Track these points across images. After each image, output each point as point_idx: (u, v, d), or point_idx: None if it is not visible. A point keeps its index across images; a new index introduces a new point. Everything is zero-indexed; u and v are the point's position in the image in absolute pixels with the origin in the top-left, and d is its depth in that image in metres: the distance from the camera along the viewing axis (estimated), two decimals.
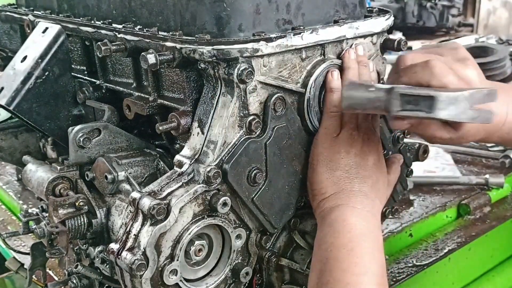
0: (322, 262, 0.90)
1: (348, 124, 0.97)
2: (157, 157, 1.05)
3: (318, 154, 0.97)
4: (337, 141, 0.96)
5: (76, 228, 1.01)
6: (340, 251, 0.89)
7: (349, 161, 0.96)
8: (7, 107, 1.05)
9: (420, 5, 4.12)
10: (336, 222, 0.92)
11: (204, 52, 0.86)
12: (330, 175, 0.95)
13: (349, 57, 0.99)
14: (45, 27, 1.10)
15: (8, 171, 1.97)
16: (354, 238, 0.89)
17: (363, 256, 0.88)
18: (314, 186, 0.97)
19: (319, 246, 0.93)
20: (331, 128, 0.97)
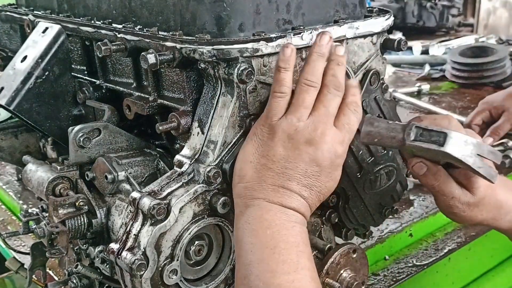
0: (246, 266, 0.83)
1: (294, 112, 0.86)
2: (157, 157, 1.05)
3: (254, 133, 0.87)
4: (275, 126, 0.86)
5: (76, 228, 1.01)
6: (263, 251, 0.82)
7: (282, 153, 0.85)
8: (7, 107, 1.05)
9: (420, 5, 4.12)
10: (253, 219, 0.84)
11: (204, 52, 0.86)
12: (255, 160, 0.86)
13: (320, 44, 0.88)
14: (45, 27, 1.10)
15: (8, 171, 1.97)
16: (275, 234, 0.82)
17: (290, 252, 0.82)
18: (237, 164, 0.88)
19: (240, 247, 0.85)
20: (272, 111, 0.86)
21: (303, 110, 0.86)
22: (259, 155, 0.86)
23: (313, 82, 0.87)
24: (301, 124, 0.85)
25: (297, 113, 0.86)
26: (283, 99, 0.87)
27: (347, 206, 1.09)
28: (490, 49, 2.91)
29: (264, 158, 0.86)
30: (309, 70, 0.88)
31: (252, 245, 0.83)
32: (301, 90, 0.87)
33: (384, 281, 1.38)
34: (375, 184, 1.12)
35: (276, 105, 0.86)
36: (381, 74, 1.07)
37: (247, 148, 0.87)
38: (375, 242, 1.47)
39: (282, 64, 0.86)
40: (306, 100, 0.87)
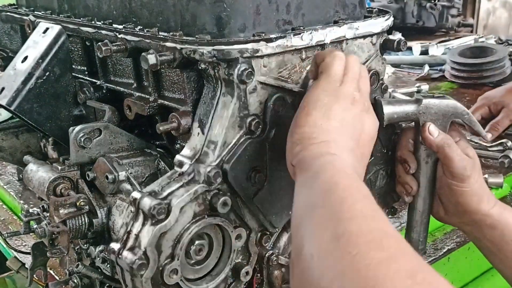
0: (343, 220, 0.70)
1: (351, 82, 0.91)
2: (157, 157, 1.06)
3: (317, 99, 0.89)
4: (340, 92, 0.89)
5: (77, 227, 1.01)
6: (363, 200, 0.75)
7: (348, 117, 0.88)
8: (8, 108, 1.05)
9: (420, 5, 4.12)
10: (330, 163, 0.81)
11: (204, 53, 0.86)
12: (325, 122, 0.87)
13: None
14: (46, 27, 1.11)
15: (9, 171, 1.98)
16: (351, 180, 0.78)
17: (366, 200, 0.75)
18: (305, 129, 0.87)
19: (309, 192, 0.79)
20: (336, 76, 0.90)
21: (356, 82, 0.92)
22: (328, 118, 0.87)
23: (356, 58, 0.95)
24: (357, 95, 0.91)
25: (354, 84, 0.91)
26: (343, 61, 0.91)
27: None
28: (490, 49, 2.91)
29: (334, 120, 0.87)
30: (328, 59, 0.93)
31: (349, 197, 0.75)
32: (354, 63, 0.93)
33: None
34: (375, 184, 1.12)
35: (337, 68, 0.90)
36: (381, 74, 1.08)
37: (314, 113, 0.87)
38: None
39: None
40: (357, 72, 0.93)
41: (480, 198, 1.05)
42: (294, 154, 0.87)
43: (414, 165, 1.08)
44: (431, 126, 1.03)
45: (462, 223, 1.10)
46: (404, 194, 1.12)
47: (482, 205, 1.05)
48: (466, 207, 1.05)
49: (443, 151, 1.02)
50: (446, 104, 1.04)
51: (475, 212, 1.05)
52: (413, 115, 1.03)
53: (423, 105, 1.03)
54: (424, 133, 1.03)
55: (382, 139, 1.10)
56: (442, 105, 1.04)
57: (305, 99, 0.90)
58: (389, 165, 1.13)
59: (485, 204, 1.05)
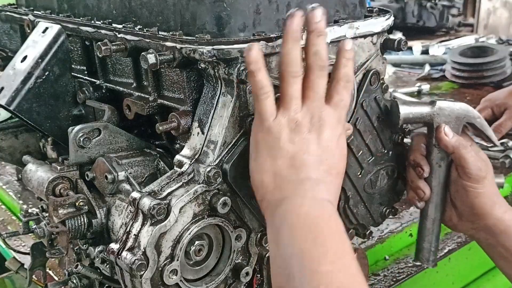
0: (286, 260, 0.79)
1: (287, 107, 0.85)
2: (157, 157, 1.05)
3: (257, 142, 0.86)
4: (275, 127, 0.84)
5: (76, 228, 1.01)
6: (305, 242, 0.79)
7: (292, 148, 0.84)
8: (7, 107, 1.05)
9: (420, 5, 4.12)
10: (287, 216, 0.82)
11: (204, 52, 0.86)
12: (271, 165, 0.85)
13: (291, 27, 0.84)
14: (45, 27, 1.10)
15: (8, 171, 1.97)
16: (313, 226, 0.80)
17: (332, 240, 0.80)
18: (254, 177, 0.87)
19: (277, 244, 0.83)
20: (264, 114, 0.85)
21: (294, 102, 0.86)
22: (273, 160, 0.85)
23: (294, 71, 0.85)
24: (299, 116, 0.85)
25: (291, 106, 0.85)
26: (269, 98, 0.85)
27: (347, 206, 1.09)
28: (490, 49, 2.91)
29: (279, 159, 0.85)
30: (287, 60, 0.85)
31: (291, 238, 0.81)
32: (287, 83, 0.85)
33: (384, 281, 1.38)
34: (375, 184, 1.12)
35: (265, 107, 0.85)
36: (381, 74, 1.07)
37: (258, 159, 0.86)
38: (375, 242, 1.47)
39: (253, 67, 0.83)
40: (295, 92, 0.86)
41: (494, 202, 1.05)
42: (259, 204, 0.89)
43: (428, 169, 1.08)
44: (446, 127, 1.04)
45: (475, 229, 1.10)
46: (416, 200, 1.12)
47: (495, 209, 1.05)
48: (481, 210, 1.05)
49: (459, 152, 1.03)
50: (459, 107, 1.07)
51: (488, 216, 1.05)
52: (428, 116, 1.06)
53: (437, 106, 1.06)
54: (439, 134, 1.04)
55: (383, 139, 1.09)
56: (455, 108, 1.06)
57: (250, 142, 0.89)
58: (390, 165, 1.13)
59: (498, 209, 1.05)
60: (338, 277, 0.76)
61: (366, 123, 1.06)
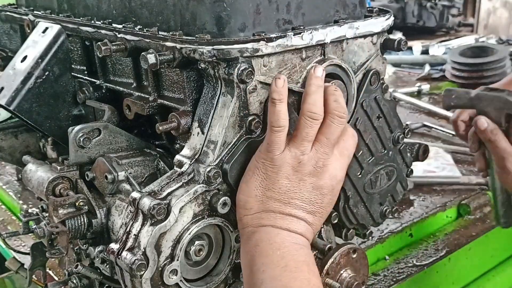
0: (257, 285, 0.83)
1: (297, 146, 0.88)
2: (157, 157, 1.05)
3: (256, 167, 0.88)
4: (278, 160, 0.87)
5: (76, 228, 1.01)
6: (275, 269, 0.83)
7: (288, 185, 0.87)
8: (7, 107, 1.05)
9: (420, 5, 4.12)
10: (262, 242, 0.86)
11: (204, 52, 0.86)
12: (260, 193, 0.87)
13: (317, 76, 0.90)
14: (45, 27, 1.10)
15: (8, 171, 1.98)
16: (285, 254, 0.84)
17: (301, 270, 0.84)
18: (240, 197, 0.89)
19: (249, 268, 0.86)
20: (273, 145, 0.87)
21: (306, 144, 0.88)
22: (264, 189, 0.88)
23: (317, 114, 0.88)
24: (305, 157, 0.88)
25: (301, 147, 0.88)
26: (283, 132, 0.87)
27: (347, 206, 1.09)
28: (490, 49, 2.91)
29: (269, 191, 0.88)
30: (311, 101, 0.88)
31: (262, 264, 0.84)
32: (306, 124, 0.88)
33: (384, 281, 1.38)
34: (375, 184, 1.12)
35: (276, 139, 0.87)
36: (381, 74, 1.07)
37: (251, 182, 0.88)
38: (375, 242, 1.47)
39: (276, 96, 0.86)
40: (310, 134, 0.88)
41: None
42: (238, 219, 0.91)
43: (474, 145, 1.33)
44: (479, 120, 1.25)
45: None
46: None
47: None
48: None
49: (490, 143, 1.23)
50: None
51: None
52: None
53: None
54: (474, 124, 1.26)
55: (383, 139, 1.09)
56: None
57: (249, 165, 0.90)
58: (390, 165, 1.12)
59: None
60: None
61: (366, 123, 1.06)
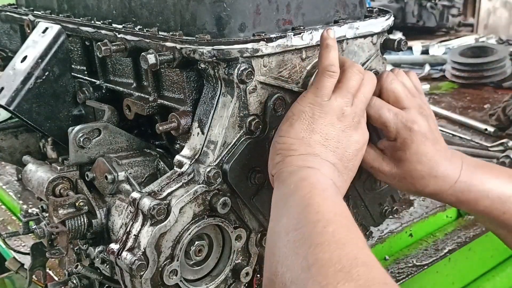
0: (308, 207, 0.76)
1: (343, 96, 0.89)
2: (157, 157, 1.05)
3: (302, 111, 0.88)
4: (326, 106, 0.88)
5: (76, 228, 1.01)
6: (313, 198, 0.77)
7: (332, 132, 0.87)
8: (7, 107, 1.05)
9: (420, 5, 4.12)
10: (310, 178, 0.82)
11: (204, 52, 0.86)
12: (307, 135, 0.87)
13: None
14: (45, 27, 1.10)
15: (8, 171, 1.97)
16: (324, 193, 0.79)
17: (335, 202, 0.79)
18: (285, 140, 0.87)
19: (282, 205, 0.80)
20: (324, 90, 0.88)
21: (350, 96, 0.90)
22: (311, 132, 0.87)
23: (360, 69, 0.91)
24: (348, 109, 0.89)
25: (346, 98, 0.89)
26: (334, 78, 0.89)
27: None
28: (490, 49, 2.91)
29: (316, 135, 0.87)
30: (348, 59, 0.92)
31: (300, 197, 0.78)
32: (352, 76, 0.90)
33: None
34: (375, 184, 1.12)
35: (327, 84, 0.88)
36: None
37: (296, 126, 0.88)
38: (375, 242, 1.47)
39: (331, 42, 0.89)
40: (354, 86, 0.90)
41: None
42: (274, 165, 0.88)
43: None
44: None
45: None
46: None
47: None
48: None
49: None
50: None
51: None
52: None
53: None
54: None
55: None
56: None
57: (291, 109, 0.90)
58: None
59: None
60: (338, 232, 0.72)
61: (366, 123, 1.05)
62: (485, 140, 2.15)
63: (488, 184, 0.96)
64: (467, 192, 0.95)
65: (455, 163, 0.96)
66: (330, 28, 0.91)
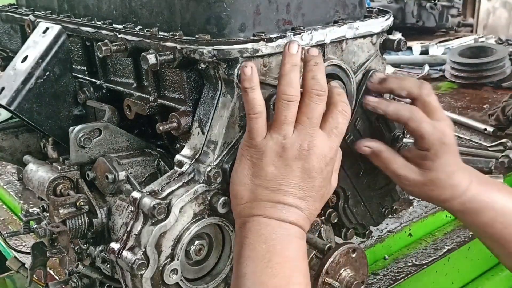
0: (240, 278, 0.83)
1: (277, 130, 0.85)
2: (157, 157, 1.06)
3: (242, 155, 0.87)
4: (261, 146, 0.85)
5: (77, 227, 1.01)
6: (258, 264, 0.82)
7: (274, 171, 0.85)
8: (8, 107, 1.05)
9: (420, 5, 4.12)
10: (251, 234, 0.85)
11: (204, 52, 0.86)
12: (249, 181, 0.86)
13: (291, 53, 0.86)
14: (46, 27, 1.10)
15: (9, 171, 1.98)
16: (270, 248, 0.83)
17: (283, 267, 0.82)
18: (232, 187, 0.88)
19: (237, 261, 0.86)
20: (253, 132, 0.85)
21: (286, 127, 0.85)
22: (252, 176, 0.86)
23: (291, 95, 0.85)
24: (288, 141, 0.85)
25: (282, 131, 0.85)
26: (260, 118, 0.85)
27: (347, 205, 1.09)
28: (490, 49, 2.92)
29: (257, 178, 0.86)
30: (285, 83, 0.85)
31: (248, 258, 0.84)
32: (281, 107, 0.85)
33: (384, 280, 1.38)
34: (375, 184, 1.12)
35: (255, 126, 0.85)
36: None
37: (239, 171, 0.87)
38: (374, 241, 1.47)
39: (247, 84, 0.84)
40: (288, 116, 0.85)
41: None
42: (232, 208, 0.90)
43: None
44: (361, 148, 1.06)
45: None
46: None
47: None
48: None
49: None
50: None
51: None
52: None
53: None
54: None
55: (382, 139, 1.09)
56: None
57: (237, 153, 0.89)
58: None
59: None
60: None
61: (365, 123, 1.06)
62: (484, 140, 2.15)
63: (494, 196, 1.01)
64: (474, 201, 1.00)
65: (466, 173, 1.01)
66: (245, 65, 0.84)
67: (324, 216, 1.09)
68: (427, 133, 0.95)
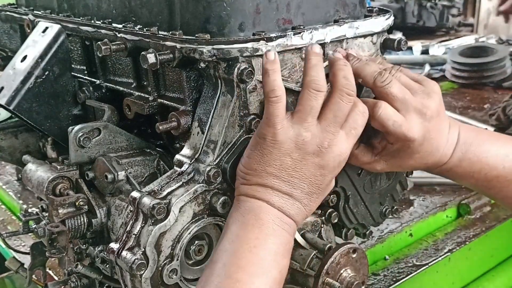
0: (220, 252, 0.83)
1: (301, 120, 0.84)
2: (157, 157, 1.05)
3: (257, 142, 0.85)
4: (280, 135, 0.83)
5: (76, 227, 1.01)
6: (242, 246, 0.82)
7: (289, 162, 0.84)
8: (7, 107, 1.05)
9: (420, 5, 4.12)
10: (249, 214, 0.84)
11: (204, 52, 0.86)
12: (260, 167, 0.84)
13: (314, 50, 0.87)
14: (45, 26, 1.10)
15: (8, 171, 1.98)
16: (260, 236, 0.83)
17: (265, 257, 0.82)
18: (241, 168, 0.87)
19: (225, 234, 0.85)
20: (272, 118, 0.83)
21: (310, 119, 0.84)
22: (265, 164, 0.85)
23: (321, 86, 0.84)
24: (309, 135, 0.84)
25: (305, 123, 0.84)
26: (280, 103, 0.83)
27: (347, 206, 1.09)
28: (490, 49, 2.91)
29: (270, 167, 0.85)
30: (314, 73, 0.84)
31: (236, 236, 0.84)
32: (309, 96, 0.84)
33: (384, 281, 1.38)
34: (375, 184, 1.12)
35: (274, 111, 0.83)
36: None
37: (252, 157, 0.86)
38: (375, 242, 1.47)
39: (269, 66, 0.83)
40: (315, 108, 0.84)
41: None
42: (236, 186, 0.89)
43: None
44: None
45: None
46: None
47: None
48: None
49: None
50: None
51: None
52: None
53: None
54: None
55: None
56: None
57: (252, 139, 0.88)
58: None
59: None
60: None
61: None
62: None
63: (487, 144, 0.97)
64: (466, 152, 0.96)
65: (452, 136, 0.96)
66: (269, 50, 0.85)
67: (324, 216, 1.08)
68: (389, 131, 0.90)
